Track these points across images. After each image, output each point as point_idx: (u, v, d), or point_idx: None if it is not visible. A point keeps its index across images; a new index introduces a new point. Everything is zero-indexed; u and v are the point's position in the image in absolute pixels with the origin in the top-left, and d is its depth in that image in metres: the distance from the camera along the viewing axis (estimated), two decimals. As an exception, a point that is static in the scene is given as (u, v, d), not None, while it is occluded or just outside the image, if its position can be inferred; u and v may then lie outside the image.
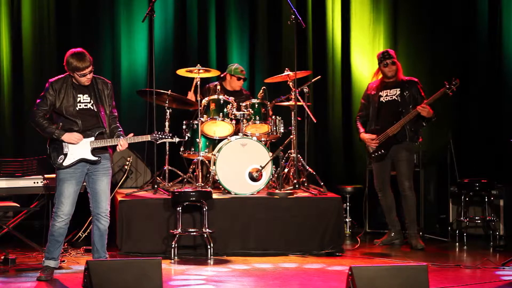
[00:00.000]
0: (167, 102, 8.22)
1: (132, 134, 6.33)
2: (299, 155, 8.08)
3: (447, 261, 7.25)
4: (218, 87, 8.35)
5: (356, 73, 9.72)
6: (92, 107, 6.22)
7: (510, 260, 6.98)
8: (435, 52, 9.61)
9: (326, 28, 9.70)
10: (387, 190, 7.97)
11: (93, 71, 6.17)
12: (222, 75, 8.71)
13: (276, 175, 8.03)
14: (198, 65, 8.13)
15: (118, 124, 6.35)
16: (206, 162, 8.21)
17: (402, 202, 7.94)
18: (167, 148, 8.20)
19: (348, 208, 8.90)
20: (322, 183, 8.06)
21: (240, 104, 8.22)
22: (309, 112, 8.28)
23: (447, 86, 7.79)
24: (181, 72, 8.26)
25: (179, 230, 7.29)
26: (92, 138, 6.18)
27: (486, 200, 8.38)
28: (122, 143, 6.21)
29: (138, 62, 9.33)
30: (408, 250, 7.77)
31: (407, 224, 7.95)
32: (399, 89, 7.91)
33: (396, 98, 7.88)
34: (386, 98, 7.92)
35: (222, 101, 8.15)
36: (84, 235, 7.81)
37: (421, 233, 8.19)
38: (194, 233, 7.44)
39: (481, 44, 9.59)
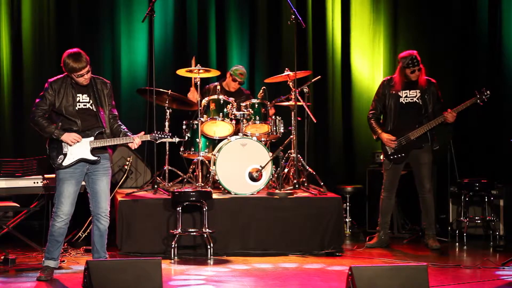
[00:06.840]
0: (167, 102, 8.22)
1: (143, 133, 6.34)
2: (299, 155, 8.08)
3: (447, 261, 7.25)
4: (218, 87, 8.35)
5: (356, 73, 9.71)
6: (91, 107, 6.21)
7: (510, 260, 6.98)
8: (435, 52, 9.59)
9: (326, 28, 9.70)
10: (393, 192, 7.88)
11: (90, 71, 6.16)
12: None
13: (276, 175, 8.03)
14: (198, 65, 8.13)
15: (120, 123, 6.34)
16: (206, 162, 8.20)
17: (420, 204, 7.88)
18: (167, 148, 8.20)
19: (348, 208, 8.90)
20: (322, 183, 8.06)
21: (240, 104, 8.22)
22: (309, 112, 8.28)
23: (478, 96, 7.73)
24: (181, 72, 8.25)
25: (179, 230, 7.29)
26: (92, 138, 6.18)
27: (486, 200, 8.39)
28: (137, 142, 6.23)
29: (138, 62, 9.33)
30: (411, 251, 7.76)
31: (425, 225, 7.95)
32: (419, 91, 7.75)
33: (417, 101, 7.72)
34: (407, 100, 7.75)
35: (222, 101, 8.15)
36: (84, 235, 7.82)
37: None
38: (194, 233, 7.43)
39: (481, 44, 9.58)
